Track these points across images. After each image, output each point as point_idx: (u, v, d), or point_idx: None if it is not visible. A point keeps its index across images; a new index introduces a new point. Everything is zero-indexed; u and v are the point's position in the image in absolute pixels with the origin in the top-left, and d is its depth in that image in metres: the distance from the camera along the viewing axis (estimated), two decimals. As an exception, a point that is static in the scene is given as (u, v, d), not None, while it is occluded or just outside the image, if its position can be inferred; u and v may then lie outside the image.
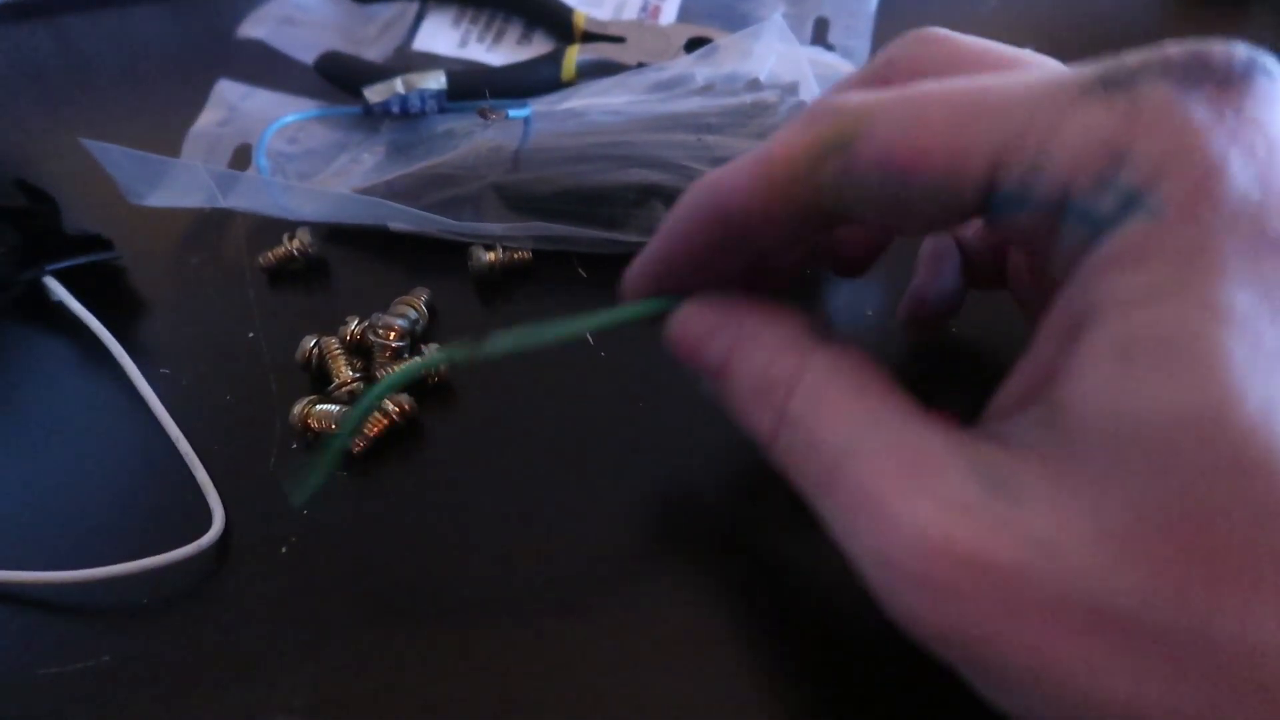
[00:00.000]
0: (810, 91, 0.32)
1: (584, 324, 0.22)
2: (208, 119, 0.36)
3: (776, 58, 0.33)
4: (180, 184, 0.33)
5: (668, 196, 0.31)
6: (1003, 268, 0.25)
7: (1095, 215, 0.15)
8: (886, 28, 0.39)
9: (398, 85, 0.35)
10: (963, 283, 0.26)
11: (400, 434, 0.27)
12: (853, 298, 0.30)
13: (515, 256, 0.31)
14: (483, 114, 0.33)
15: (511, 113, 0.33)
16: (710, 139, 0.31)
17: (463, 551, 0.25)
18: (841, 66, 0.36)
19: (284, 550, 0.25)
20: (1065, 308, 0.16)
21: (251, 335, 0.30)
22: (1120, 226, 0.15)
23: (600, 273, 0.31)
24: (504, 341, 0.21)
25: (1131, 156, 0.15)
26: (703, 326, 0.21)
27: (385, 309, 0.29)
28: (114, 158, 0.32)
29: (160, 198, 0.33)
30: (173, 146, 0.35)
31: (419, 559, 0.25)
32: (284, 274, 0.32)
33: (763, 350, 0.19)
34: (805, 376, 0.18)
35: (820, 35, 0.39)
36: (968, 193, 0.16)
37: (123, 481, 0.27)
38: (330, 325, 0.29)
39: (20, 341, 0.31)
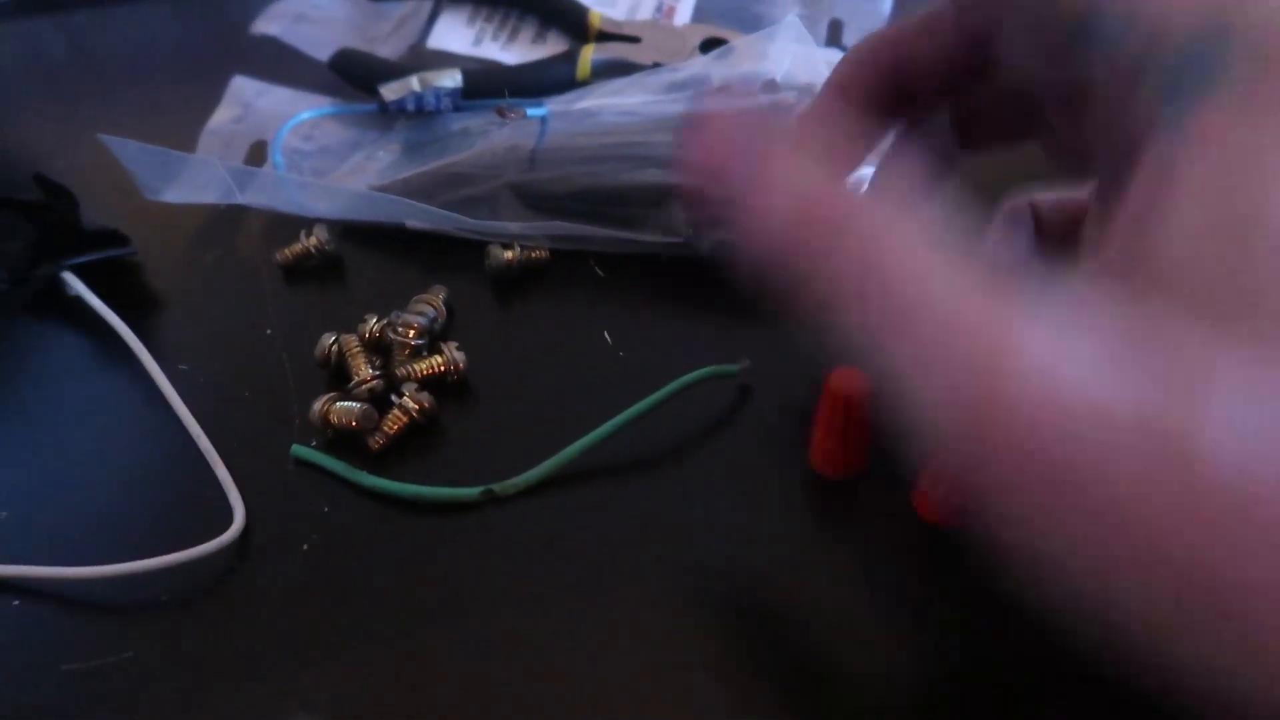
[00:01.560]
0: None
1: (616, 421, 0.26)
2: (223, 115, 0.36)
3: (792, 59, 0.33)
4: (197, 180, 0.33)
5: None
6: (1075, 239, 0.24)
7: (1180, 73, 0.15)
8: (900, 30, 0.39)
9: (413, 83, 0.35)
10: (1034, 252, 0.26)
11: (420, 431, 0.27)
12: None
13: (532, 255, 0.31)
14: (500, 113, 0.33)
15: (529, 111, 0.33)
16: (727, 140, 0.32)
17: (484, 549, 0.25)
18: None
19: (305, 548, 0.25)
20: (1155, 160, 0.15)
21: (269, 332, 0.30)
22: (1211, 93, 0.14)
23: (617, 272, 0.31)
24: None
25: (1234, 28, 0.14)
26: (734, 133, 0.17)
27: (402, 307, 0.29)
28: (131, 153, 0.32)
29: (177, 193, 0.33)
30: (187, 143, 0.35)
31: (440, 557, 0.25)
32: (300, 271, 0.32)
33: (811, 172, 0.16)
34: (867, 207, 0.16)
35: (835, 37, 0.39)
36: (1064, 9, 0.16)
37: (143, 477, 0.27)
38: (347, 323, 0.29)
39: (38, 336, 0.31)
